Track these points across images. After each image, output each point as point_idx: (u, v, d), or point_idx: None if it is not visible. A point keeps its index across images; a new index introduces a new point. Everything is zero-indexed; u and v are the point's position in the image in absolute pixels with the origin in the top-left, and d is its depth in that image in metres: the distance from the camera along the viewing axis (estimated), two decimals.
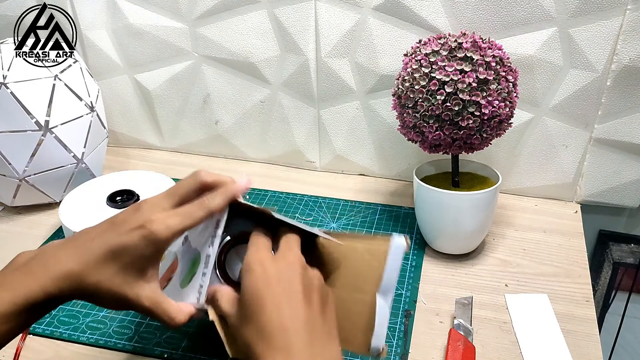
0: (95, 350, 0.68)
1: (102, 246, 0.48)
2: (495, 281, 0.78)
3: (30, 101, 0.84)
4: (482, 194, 0.76)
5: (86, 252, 0.48)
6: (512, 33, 0.82)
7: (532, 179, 0.94)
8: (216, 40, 0.97)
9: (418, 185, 0.79)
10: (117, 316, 0.72)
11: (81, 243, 0.49)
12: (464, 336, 0.67)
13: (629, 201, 0.92)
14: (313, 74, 0.95)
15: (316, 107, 0.98)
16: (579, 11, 0.79)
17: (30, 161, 0.87)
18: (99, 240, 0.49)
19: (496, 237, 0.86)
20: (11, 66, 0.84)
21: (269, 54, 0.96)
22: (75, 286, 0.47)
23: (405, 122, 0.77)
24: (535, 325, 0.70)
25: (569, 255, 0.82)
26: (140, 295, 0.49)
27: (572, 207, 0.93)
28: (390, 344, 0.68)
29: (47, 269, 0.47)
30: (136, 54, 1.03)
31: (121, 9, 0.98)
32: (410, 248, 0.84)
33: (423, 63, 0.72)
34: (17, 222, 0.93)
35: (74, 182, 0.93)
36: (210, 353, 0.67)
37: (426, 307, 0.74)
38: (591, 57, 0.81)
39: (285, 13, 0.91)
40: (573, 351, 0.66)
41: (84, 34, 1.02)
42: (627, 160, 0.88)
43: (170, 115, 1.08)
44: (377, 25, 0.87)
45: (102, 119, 0.96)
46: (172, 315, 0.50)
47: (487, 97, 0.71)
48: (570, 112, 0.86)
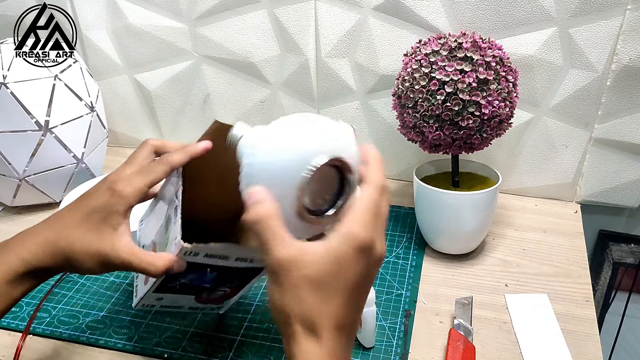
0: (95, 350, 0.68)
1: (74, 213, 0.53)
2: (495, 281, 0.78)
3: (30, 101, 0.84)
4: (482, 194, 0.76)
5: (60, 220, 0.54)
6: (512, 33, 0.82)
7: (532, 179, 0.94)
8: (216, 40, 0.97)
9: (418, 185, 0.79)
10: (117, 316, 0.73)
11: (55, 215, 0.55)
12: (464, 336, 0.67)
13: (629, 201, 0.92)
14: (313, 74, 0.95)
15: (316, 107, 0.98)
16: (579, 11, 0.79)
17: (30, 161, 0.87)
18: (70, 209, 0.54)
19: (496, 237, 0.86)
20: (11, 66, 0.84)
21: (269, 54, 0.96)
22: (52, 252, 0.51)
23: (405, 122, 0.77)
24: (535, 325, 0.70)
25: (569, 255, 0.82)
26: (116, 245, 0.52)
27: (572, 207, 0.93)
28: (390, 344, 0.68)
29: (24, 240, 0.53)
30: (136, 54, 1.03)
31: (121, 9, 0.98)
32: (411, 248, 0.84)
33: (423, 63, 0.72)
34: (17, 222, 0.93)
35: (74, 182, 0.93)
36: (211, 353, 0.67)
37: (426, 307, 0.74)
38: (591, 57, 0.81)
39: (285, 13, 0.91)
40: (573, 351, 0.66)
41: (84, 34, 1.02)
42: (627, 160, 0.88)
43: (170, 115, 1.08)
44: (377, 25, 0.87)
45: (102, 119, 0.96)
46: (152, 261, 0.52)
47: (487, 97, 0.71)
48: (570, 112, 0.86)
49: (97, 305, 0.74)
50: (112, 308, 0.74)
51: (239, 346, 0.67)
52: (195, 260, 0.56)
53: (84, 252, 0.52)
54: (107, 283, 0.78)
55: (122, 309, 0.74)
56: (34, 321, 0.71)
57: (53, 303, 0.75)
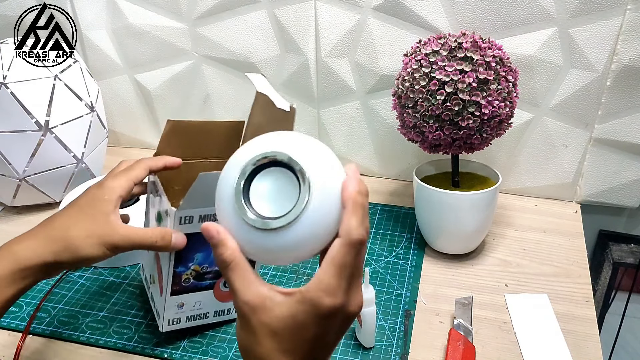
0: (95, 350, 0.68)
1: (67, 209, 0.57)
2: (495, 281, 0.78)
3: (30, 101, 0.84)
4: (482, 194, 0.76)
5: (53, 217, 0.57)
6: (512, 33, 0.82)
7: (532, 179, 0.94)
8: (216, 40, 0.97)
9: (418, 185, 0.79)
10: (117, 316, 0.73)
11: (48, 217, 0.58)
12: (464, 336, 0.67)
13: (629, 201, 0.92)
14: (313, 74, 0.95)
15: (316, 107, 0.98)
16: (579, 11, 0.79)
17: (30, 161, 0.87)
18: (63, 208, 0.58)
19: (496, 237, 0.86)
20: (11, 66, 0.84)
21: (269, 54, 0.96)
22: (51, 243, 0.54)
23: (405, 122, 0.77)
24: (535, 325, 0.70)
25: (569, 255, 0.82)
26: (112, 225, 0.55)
27: (572, 207, 0.93)
28: (390, 344, 0.68)
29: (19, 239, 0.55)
30: (136, 54, 1.03)
31: (121, 9, 0.98)
32: (411, 248, 0.84)
33: (423, 63, 0.72)
34: (17, 222, 0.93)
35: (74, 182, 0.93)
36: (211, 353, 0.67)
37: (426, 307, 0.74)
38: (591, 57, 0.81)
39: (285, 13, 0.91)
40: (573, 351, 0.66)
41: (84, 34, 1.02)
42: (627, 160, 0.88)
43: (170, 115, 1.08)
44: (377, 25, 0.87)
45: (102, 119, 0.96)
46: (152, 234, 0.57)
47: (487, 97, 0.71)
48: (570, 112, 0.86)
49: (97, 305, 0.74)
50: (112, 308, 0.74)
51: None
52: (193, 231, 0.60)
53: (82, 237, 0.54)
54: (107, 283, 0.78)
55: (122, 309, 0.74)
56: (34, 321, 0.71)
57: (53, 303, 0.75)
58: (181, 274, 0.64)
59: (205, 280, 0.66)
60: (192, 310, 0.67)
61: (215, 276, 0.67)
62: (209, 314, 0.69)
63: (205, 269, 0.65)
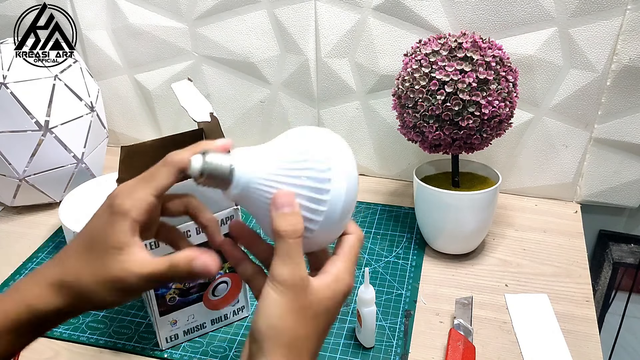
0: (95, 350, 0.68)
1: (78, 243, 0.45)
2: (495, 281, 0.78)
3: (30, 101, 0.84)
4: (482, 194, 0.76)
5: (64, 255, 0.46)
6: (512, 33, 0.82)
7: (532, 179, 0.94)
8: (216, 40, 0.97)
9: (418, 185, 0.79)
10: (117, 316, 0.72)
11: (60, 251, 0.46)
12: (464, 336, 0.67)
13: (629, 201, 0.92)
14: (313, 74, 0.95)
15: (316, 107, 0.98)
16: (579, 11, 0.79)
17: (30, 161, 0.87)
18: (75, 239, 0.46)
19: (496, 237, 0.86)
20: (11, 66, 0.84)
21: (269, 54, 0.96)
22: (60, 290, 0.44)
23: (405, 122, 0.77)
24: (535, 325, 0.70)
25: (569, 255, 0.82)
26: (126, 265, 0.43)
27: (572, 207, 0.93)
28: (390, 344, 0.68)
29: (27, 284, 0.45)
30: (136, 54, 1.03)
31: (121, 9, 0.98)
32: (411, 248, 0.84)
33: (423, 63, 0.72)
34: (17, 222, 0.93)
35: (74, 182, 0.93)
36: (210, 353, 0.67)
37: (426, 307, 0.74)
38: (591, 57, 0.81)
39: (285, 13, 0.91)
40: (573, 351, 0.66)
41: (84, 34, 1.02)
42: (627, 160, 0.88)
43: (170, 115, 1.08)
44: (377, 25, 0.87)
45: (102, 119, 0.96)
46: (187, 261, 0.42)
47: (487, 97, 0.71)
48: (570, 112, 0.86)
49: None
50: (112, 308, 0.74)
51: (239, 346, 0.67)
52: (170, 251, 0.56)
53: (94, 282, 0.43)
54: None
55: (122, 309, 0.74)
56: None
57: None
58: (164, 294, 0.64)
59: (191, 295, 0.66)
60: (186, 324, 0.68)
61: (201, 288, 0.66)
62: (206, 324, 0.69)
63: (189, 285, 0.64)
